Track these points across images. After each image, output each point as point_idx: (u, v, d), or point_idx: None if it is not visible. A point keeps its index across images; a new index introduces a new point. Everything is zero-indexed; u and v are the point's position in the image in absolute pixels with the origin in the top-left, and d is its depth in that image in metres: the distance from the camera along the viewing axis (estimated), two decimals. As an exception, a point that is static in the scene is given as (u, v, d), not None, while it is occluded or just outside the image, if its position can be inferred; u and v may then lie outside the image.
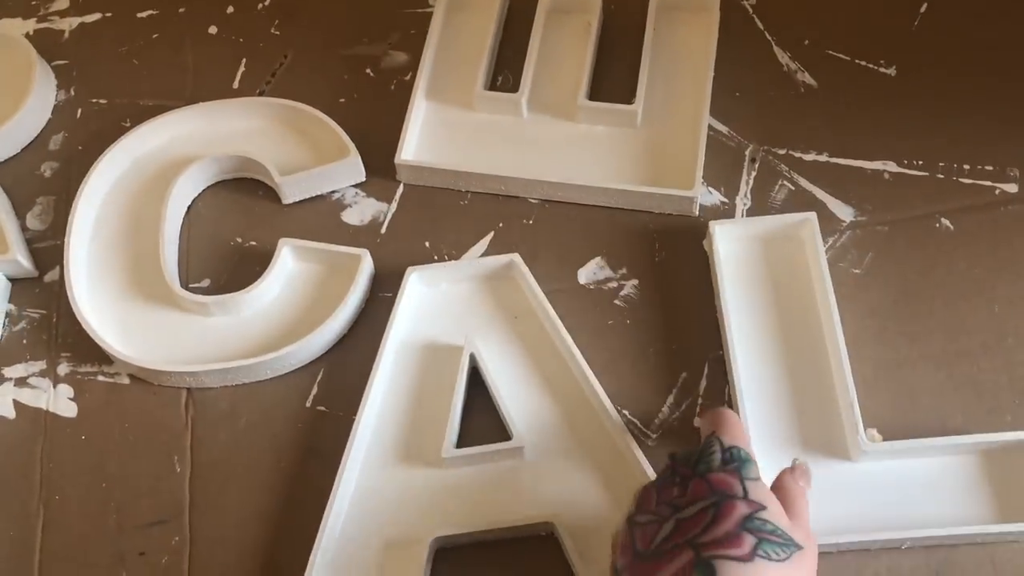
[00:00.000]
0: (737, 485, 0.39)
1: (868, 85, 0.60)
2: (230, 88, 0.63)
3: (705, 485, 0.39)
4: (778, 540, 0.37)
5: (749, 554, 0.37)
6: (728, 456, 0.40)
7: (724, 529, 0.37)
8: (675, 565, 0.37)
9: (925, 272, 0.54)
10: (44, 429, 0.52)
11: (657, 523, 0.39)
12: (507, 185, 0.57)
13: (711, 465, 0.40)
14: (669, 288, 0.54)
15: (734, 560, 0.36)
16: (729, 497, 0.38)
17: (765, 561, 0.37)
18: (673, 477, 0.40)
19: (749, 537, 0.37)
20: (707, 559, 0.36)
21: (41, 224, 0.59)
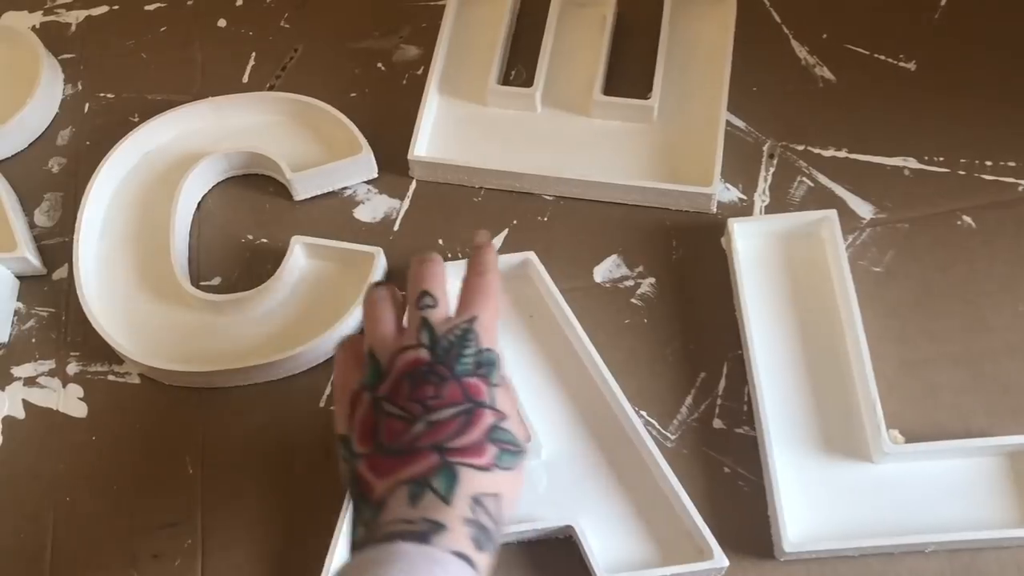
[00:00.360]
0: (487, 392, 0.40)
1: (888, 79, 0.59)
2: (239, 82, 0.62)
3: (460, 390, 0.39)
4: (512, 449, 0.39)
5: (490, 464, 0.38)
6: (483, 359, 0.40)
7: (472, 438, 0.38)
8: (419, 466, 0.38)
9: (947, 270, 0.53)
10: (54, 429, 0.52)
11: (407, 421, 0.39)
12: (521, 182, 0.56)
13: (468, 368, 0.40)
14: (687, 286, 0.53)
15: (476, 468, 0.38)
16: (479, 405, 0.39)
17: (502, 471, 0.39)
18: (429, 375, 0.40)
19: (492, 448, 0.39)
20: (451, 464, 0.38)
21: (49, 221, 0.58)
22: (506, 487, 0.39)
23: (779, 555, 0.46)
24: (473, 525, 0.37)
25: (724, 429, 0.50)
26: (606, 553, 0.46)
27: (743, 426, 0.50)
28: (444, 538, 0.36)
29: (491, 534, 0.38)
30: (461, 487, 0.37)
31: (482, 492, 0.38)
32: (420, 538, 0.36)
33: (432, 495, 0.37)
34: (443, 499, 0.37)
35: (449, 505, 0.37)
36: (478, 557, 0.36)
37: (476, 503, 0.37)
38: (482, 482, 0.38)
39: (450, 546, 0.36)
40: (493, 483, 0.38)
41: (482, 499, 0.38)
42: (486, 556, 0.37)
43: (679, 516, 0.46)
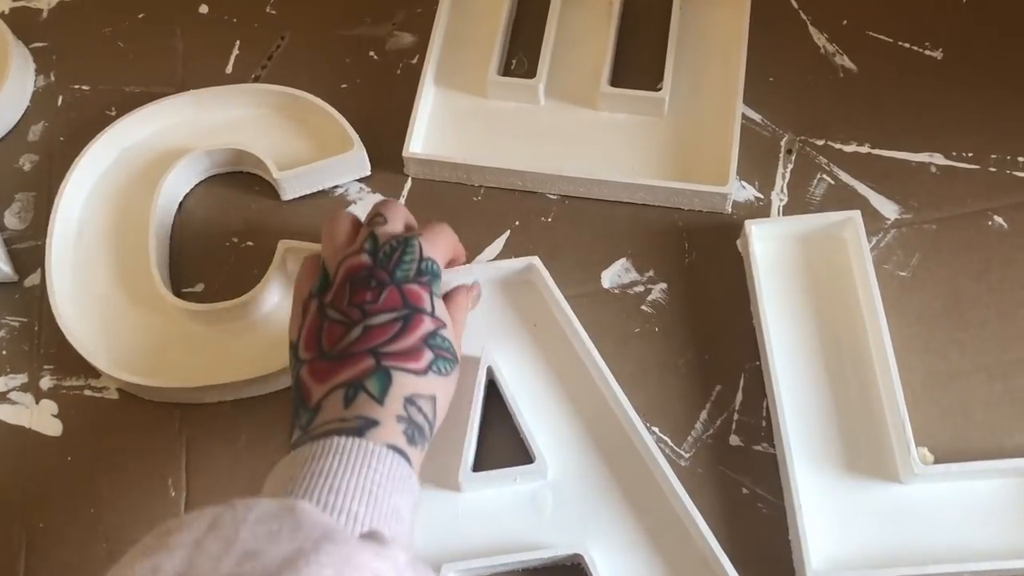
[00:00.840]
0: (427, 300, 0.42)
1: (913, 69, 0.55)
2: (223, 73, 0.58)
3: (399, 295, 0.41)
4: (448, 356, 0.41)
5: (424, 368, 0.40)
6: (424, 268, 0.42)
7: (408, 343, 0.40)
8: (355, 370, 0.39)
9: (977, 275, 0.50)
10: (26, 449, 0.49)
11: (345, 325, 0.40)
12: (524, 180, 0.53)
13: (408, 274, 0.41)
14: (701, 292, 0.50)
15: (410, 372, 0.40)
16: (419, 311, 0.41)
17: (436, 376, 0.40)
18: (369, 280, 0.41)
19: (428, 353, 0.40)
20: (386, 368, 0.39)
21: (20, 223, 0.55)
22: (440, 391, 0.41)
23: (802, 583, 0.43)
24: (405, 422, 0.39)
25: (742, 446, 0.47)
26: None
27: (762, 443, 0.47)
28: (377, 432, 0.38)
29: (423, 431, 0.40)
30: (395, 389, 0.39)
31: (416, 394, 0.40)
32: (355, 433, 0.37)
33: (366, 396, 0.39)
34: (377, 400, 0.39)
35: (382, 405, 0.39)
36: (411, 451, 0.38)
37: (409, 403, 0.39)
38: (416, 385, 0.40)
39: (384, 439, 0.37)
40: (428, 386, 0.40)
41: (416, 399, 0.40)
42: (418, 451, 0.39)
43: (694, 541, 0.44)
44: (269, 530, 0.30)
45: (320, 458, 0.36)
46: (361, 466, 0.36)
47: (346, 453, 0.36)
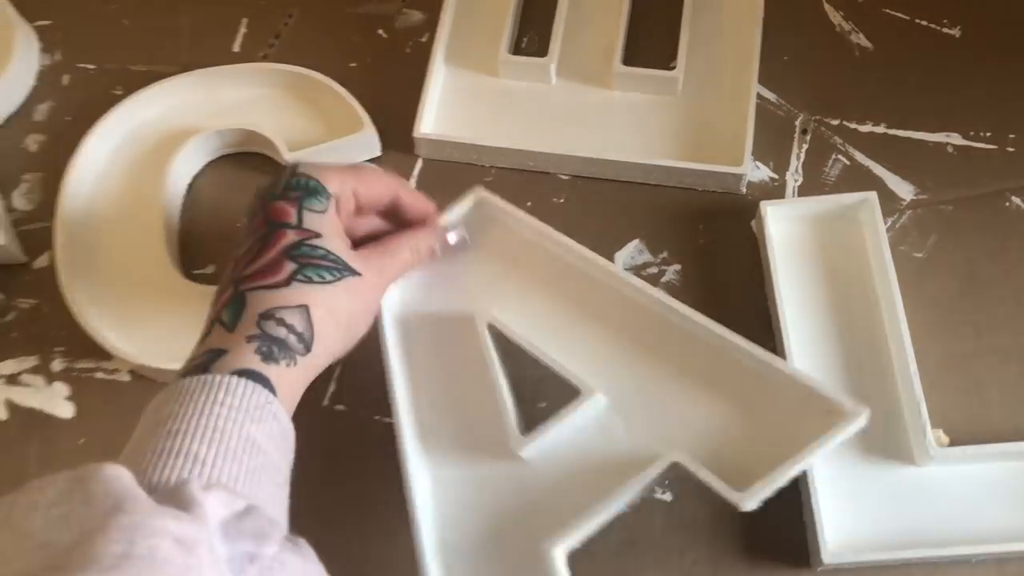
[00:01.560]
0: (293, 214, 0.39)
1: (930, 48, 0.55)
2: (230, 52, 0.58)
3: (263, 217, 0.40)
4: (326, 264, 0.38)
5: (286, 279, 0.37)
6: (294, 183, 0.40)
7: (266, 259, 0.38)
8: (219, 304, 0.38)
9: (994, 256, 0.50)
10: (39, 431, 0.48)
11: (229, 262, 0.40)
12: (535, 160, 0.53)
13: (275, 194, 0.40)
14: (715, 273, 0.50)
15: (269, 288, 0.37)
16: (280, 226, 0.39)
17: (305, 284, 0.38)
18: (253, 210, 0.40)
19: (289, 264, 0.38)
20: (242, 292, 0.37)
21: (28, 204, 0.54)
22: (320, 300, 0.38)
23: (816, 565, 0.43)
24: (258, 339, 0.36)
25: (756, 429, 0.47)
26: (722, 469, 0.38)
27: (777, 425, 0.46)
28: (224, 362, 0.36)
29: (286, 344, 0.37)
30: (249, 310, 0.37)
31: (275, 307, 0.37)
32: (200, 369, 0.35)
33: (219, 327, 0.37)
34: (227, 327, 0.37)
35: (233, 331, 0.37)
36: (271, 369, 0.36)
37: (266, 318, 0.37)
38: (275, 298, 0.37)
39: (231, 367, 0.35)
40: (293, 297, 0.37)
41: (275, 313, 0.37)
42: (284, 366, 0.36)
43: (787, 388, 0.39)
44: (61, 513, 0.28)
45: (162, 407, 0.34)
46: (204, 403, 0.34)
47: (186, 394, 0.34)
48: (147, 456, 0.32)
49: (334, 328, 0.39)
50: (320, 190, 0.40)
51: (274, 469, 0.35)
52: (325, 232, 0.39)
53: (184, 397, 0.34)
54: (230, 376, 0.35)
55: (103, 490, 0.29)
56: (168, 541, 0.28)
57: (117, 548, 0.27)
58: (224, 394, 0.34)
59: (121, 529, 0.27)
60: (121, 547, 0.27)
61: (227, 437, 0.33)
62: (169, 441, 0.33)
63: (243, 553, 0.31)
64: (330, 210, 0.40)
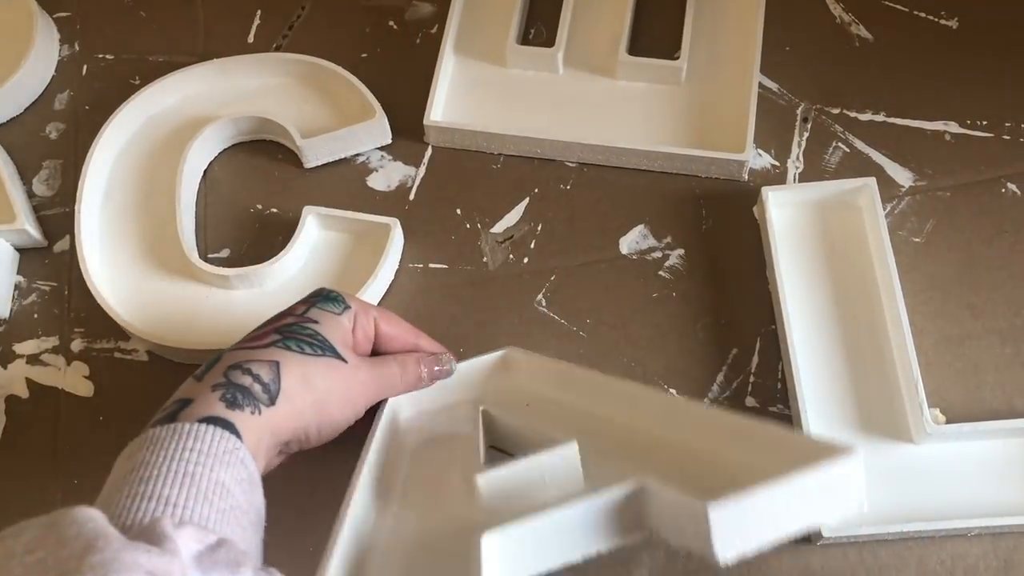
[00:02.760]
0: (301, 309, 0.41)
1: (928, 38, 0.56)
2: (244, 42, 0.59)
3: (284, 314, 0.42)
4: (311, 342, 0.39)
5: (265, 344, 0.39)
6: (316, 293, 0.43)
7: (256, 333, 0.40)
8: None
9: (990, 240, 0.51)
10: (59, 409, 0.50)
11: None
12: (543, 147, 0.54)
13: (302, 301, 0.42)
14: (717, 258, 0.51)
15: (245, 348, 0.39)
16: (284, 315, 0.41)
17: (282, 349, 0.39)
18: None
19: (274, 335, 0.40)
20: (219, 353, 0.39)
21: (48, 190, 0.56)
22: (294, 365, 0.39)
23: (816, 539, 0.44)
24: (223, 387, 0.37)
25: (757, 408, 0.48)
26: None
27: (777, 404, 0.48)
28: (190, 411, 0.36)
29: (251, 392, 0.37)
30: (220, 364, 0.38)
31: (247, 360, 0.38)
32: (168, 419, 0.36)
33: (190, 379, 0.38)
34: (196, 378, 0.38)
35: (200, 381, 0.38)
36: (236, 416, 0.36)
37: (233, 368, 0.38)
38: (248, 354, 0.38)
39: (197, 415, 0.36)
40: (266, 355, 0.38)
41: (243, 364, 0.38)
42: (248, 413, 0.37)
43: None
44: (37, 559, 0.28)
45: (133, 455, 0.35)
46: (173, 449, 0.34)
47: (156, 441, 0.35)
48: (119, 501, 0.33)
49: (304, 392, 0.39)
50: (339, 299, 0.42)
51: (241, 512, 0.35)
52: (324, 323, 0.40)
53: (154, 445, 0.35)
54: (197, 423, 0.35)
55: (76, 532, 0.29)
56: (141, 574, 0.28)
57: None
58: (193, 440, 0.35)
59: (94, 567, 0.28)
60: None
61: (197, 480, 0.34)
62: (141, 486, 0.33)
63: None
64: (343, 318, 0.41)
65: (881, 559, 0.44)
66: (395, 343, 0.44)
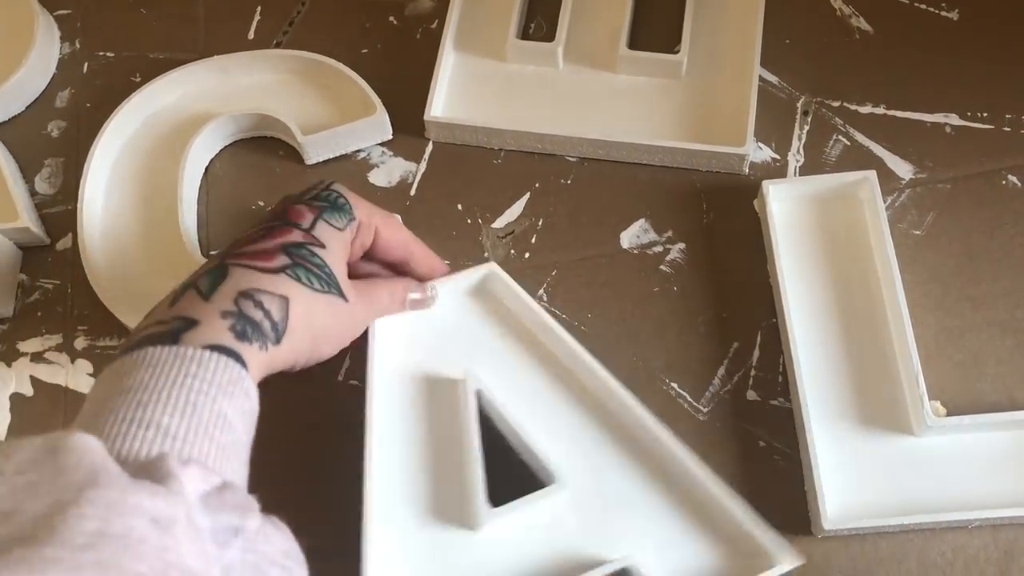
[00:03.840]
0: (309, 219, 0.38)
1: (928, 30, 0.56)
2: (245, 39, 0.59)
3: (280, 210, 0.38)
4: (320, 274, 0.37)
5: (275, 268, 0.36)
6: (322, 195, 0.39)
7: (262, 245, 0.37)
8: (199, 271, 0.37)
9: (991, 233, 0.51)
10: (64, 406, 0.50)
11: None
12: (543, 142, 0.54)
13: (302, 197, 0.39)
14: (718, 252, 0.51)
15: (254, 269, 0.36)
16: (290, 224, 0.38)
17: (292, 280, 0.36)
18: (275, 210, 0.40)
19: (283, 257, 0.36)
20: (225, 265, 0.36)
21: (50, 188, 0.56)
22: (301, 300, 0.37)
23: (817, 532, 0.44)
24: (234, 316, 0.35)
25: (759, 401, 0.48)
26: None
27: (778, 398, 0.48)
28: (196, 333, 0.34)
29: (260, 327, 0.35)
30: (228, 283, 0.35)
31: (257, 288, 0.36)
32: (168, 338, 0.33)
33: (193, 293, 0.35)
34: (203, 295, 0.35)
35: (207, 301, 0.35)
36: (244, 348, 0.34)
37: (244, 296, 0.35)
38: (260, 281, 0.36)
39: (203, 340, 0.34)
40: (277, 285, 0.36)
41: (255, 294, 0.35)
42: (257, 349, 0.35)
43: (733, 520, 0.42)
44: (28, 481, 0.26)
45: (128, 373, 0.32)
46: (176, 375, 0.32)
47: (157, 363, 0.32)
48: (113, 425, 0.31)
49: (305, 331, 0.37)
50: (346, 210, 0.40)
51: (241, 446, 0.34)
52: (331, 248, 0.38)
53: (154, 367, 0.32)
54: (204, 350, 0.33)
55: (75, 461, 0.27)
56: (144, 520, 0.26)
57: (91, 525, 0.25)
58: (197, 367, 0.33)
59: (95, 505, 0.26)
60: (95, 524, 0.25)
61: (199, 411, 0.32)
62: (139, 412, 0.31)
63: (227, 526, 0.30)
64: (347, 233, 0.40)
65: (882, 551, 0.44)
66: (390, 253, 0.43)
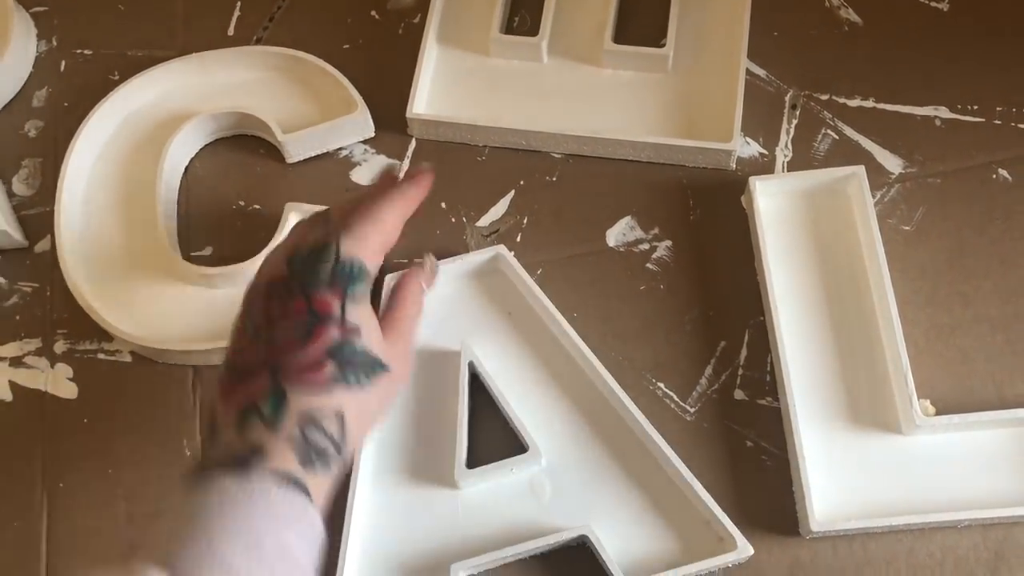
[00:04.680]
0: (336, 307, 0.38)
1: (918, 22, 0.55)
2: (225, 35, 0.58)
3: (304, 305, 0.38)
4: (364, 365, 0.38)
5: (326, 382, 0.37)
6: (340, 270, 0.39)
7: (309, 356, 0.37)
8: (252, 388, 0.37)
9: (981, 228, 0.50)
10: (44, 411, 0.49)
11: (252, 337, 0.38)
12: (528, 139, 0.53)
13: (319, 280, 0.38)
14: (705, 249, 0.51)
15: (309, 388, 0.37)
16: (324, 319, 0.38)
17: (343, 388, 0.37)
18: (281, 290, 0.39)
19: (330, 365, 0.37)
20: (281, 386, 0.36)
21: (28, 189, 0.55)
22: (353, 405, 0.37)
23: (805, 533, 0.44)
24: (301, 445, 0.36)
25: (746, 400, 0.47)
26: (625, 556, 0.44)
27: (766, 397, 0.47)
28: (265, 463, 0.35)
29: (326, 453, 0.36)
30: (289, 408, 0.36)
31: (315, 409, 0.36)
32: (239, 465, 0.35)
33: (258, 420, 0.36)
34: (268, 423, 0.36)
35: (274, 429, 0.36)
36: (310, 477, 0.36)
37: (308, 421, 0.36)
38: (317, 400, 0.37)
39: (272, 469, 0.35)
40: (332, 401, 0.37)
41: (316, 416, 0.36)
42: (321, 476, 0.36)
43: (696, 507, 0.44)
44: None
45: (200, 505, 0.34)
46: (242, 509, 0.34)
47: (227, 498, 0.34)
48: (183, 558, 0.32)
49: (361, 430, 0.39)
50: (362, 275, 0.39)
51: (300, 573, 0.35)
52: (364, 326, 0.39)
53: (223, 503, 0.34)
54: (273, 484, 0.35)
55: None
56: None
57: None
58: (266, 504, 0.34)
59: None
60: None
61: (262, 546, 0.33)
62: (206, 546, 0.32)
63: None
64: (368, 293, 0.40)
65: (871, 552, 0.44)
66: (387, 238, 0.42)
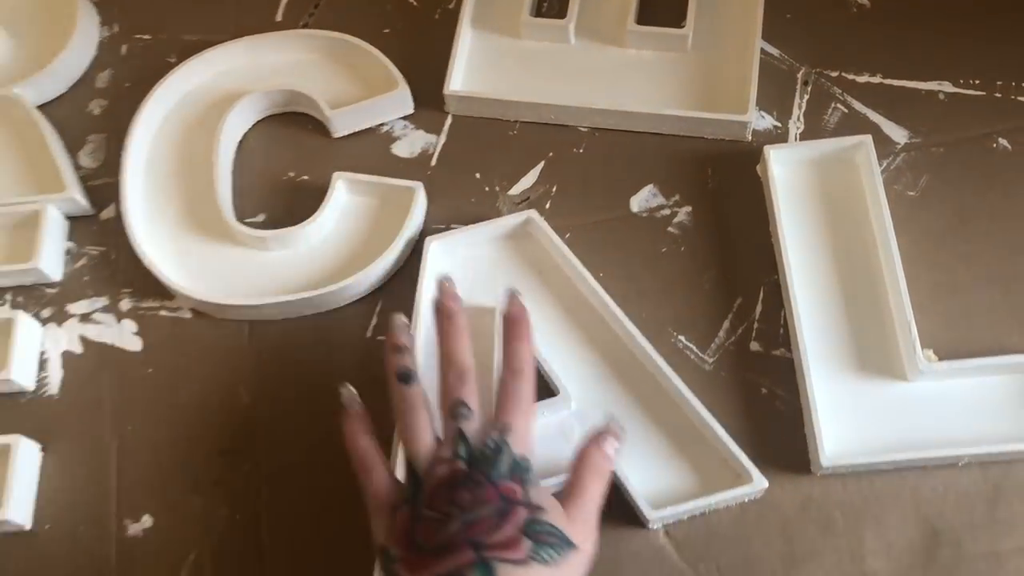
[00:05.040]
0: (521, 492, 0.41)
1: (922, 2, 0.58)
2: (273, 21, 0.62)
3: (495, 491, 0.41)
4: (553, 541, 0.40)
5: (524, 558, 0.39)
6: (516, 466, 0.42)
7: (506, 533, 0.40)
8: (455, 561, 0.39)
9: (981, 194, 0.53)
10: (111, 362, 0.53)
11: (443, 521, 0.40)
12: (556, 114, 0.57)
13: (502, 473, 0.42)
14: (723, 214, 0.54)
15: (511, 563, 0.39)
16: (513, 503, 0.41)
17: (539, 565, 0.39)
18: (467, 482, 0.41)
19: (526, 541, 0.40)
20: (487, 559, 0.39)
21: (94, 162, 0.59)
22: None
23: (816, 470, 0.47)
24: None
25: (761, 352, 0.51)
26: (649, 491, 0.47)
27: (779, 348, 0.51)
28: None
29: None
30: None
31: None
32: None
33: None
34: None
35: None
36: None
37: None
38: (518, 573, 0.39)
39: None
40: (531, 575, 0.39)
41: None
42: None
43: (714, 445, 0.47)
44: None
45: None
46: None
47: None
48: None
49: None
50: (531, 468, 0.43)
51: None
52: (547, 506, 0.42)
53: None
54: None
55: None
56: None
57: None
58: None
59: None
60: None
61: None
62: None
63: None
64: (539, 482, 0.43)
65: (877, 488, 0.47)
66: None
